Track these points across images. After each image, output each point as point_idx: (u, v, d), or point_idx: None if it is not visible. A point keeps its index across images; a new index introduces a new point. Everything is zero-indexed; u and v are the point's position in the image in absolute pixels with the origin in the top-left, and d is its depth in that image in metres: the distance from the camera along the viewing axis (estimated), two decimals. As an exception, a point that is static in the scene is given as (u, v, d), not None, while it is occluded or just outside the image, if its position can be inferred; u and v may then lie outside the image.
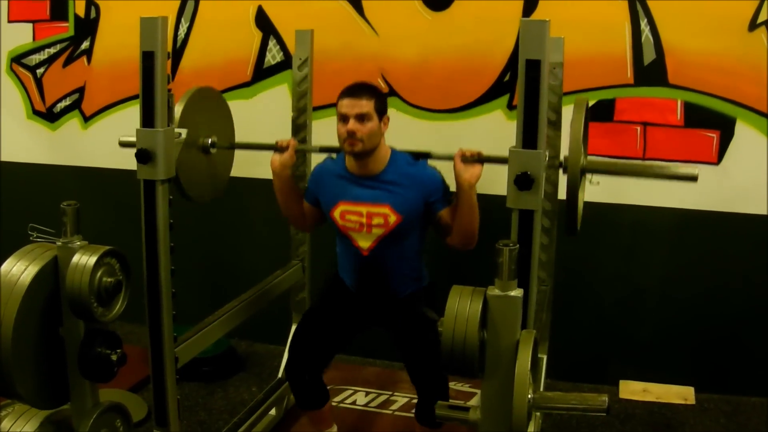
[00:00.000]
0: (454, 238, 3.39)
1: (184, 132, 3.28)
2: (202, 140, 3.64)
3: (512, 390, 2.10)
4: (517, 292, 2.23)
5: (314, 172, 3.69)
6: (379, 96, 3.39)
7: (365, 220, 3.42)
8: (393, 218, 3.38)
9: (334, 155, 3.62)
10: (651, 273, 4.63)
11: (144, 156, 3.11)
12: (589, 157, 3.27)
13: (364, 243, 3.46)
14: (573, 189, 3.08)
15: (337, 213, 3.49)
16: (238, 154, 4.00)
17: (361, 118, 3.29)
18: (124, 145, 3.43)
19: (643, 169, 3.56)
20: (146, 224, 3.21)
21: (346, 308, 3.63)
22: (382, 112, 3.37)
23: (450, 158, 3.30)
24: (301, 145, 3.90)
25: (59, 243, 2.79)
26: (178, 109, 3.38)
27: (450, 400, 2.52)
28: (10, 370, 2.65)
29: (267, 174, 4.88)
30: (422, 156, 3.49)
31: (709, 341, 4.62)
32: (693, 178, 3.07)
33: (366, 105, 3.30)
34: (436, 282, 3.62)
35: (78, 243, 2.78)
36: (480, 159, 3.26)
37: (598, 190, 4.41)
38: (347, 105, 3.31)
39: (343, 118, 3.32)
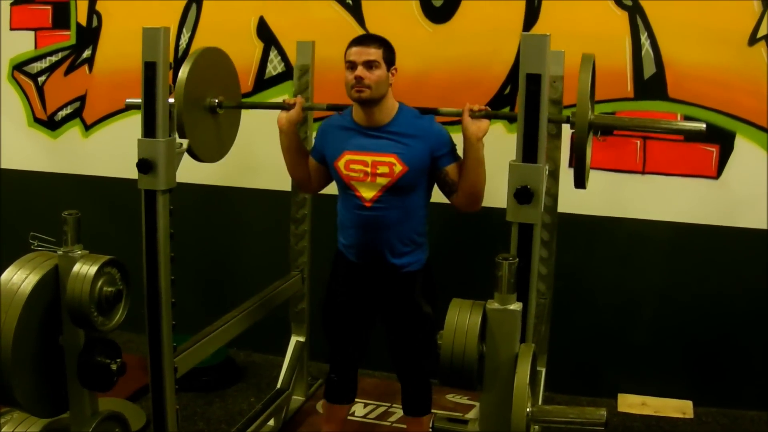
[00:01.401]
0: (460, 196, 3.36)
1: (185, 142, 3.29)
2: (209, 100, 3.62)
3: (511, 404, 2.10)
4: (516, 306, 2.23)
5: (320, 127, 3.65)
6: (387, 46, 3.37)
7: (370, 169, 3.38)
8: (398, 168, 3.34)
9: (341, 112, 3.60)
10: (650, 287, 4.63)
11: (145, 166, 3.12)
12: (596, 114, 3.22)
13: (368, 193, 3.40)
14: (581, 144, 3.05)
15: (341, 163, 3.44)
16: (237, 166, 4.01)
17: (369, 65, 3.28)
18: (129, 106, 3.57)
19: (651, 124, 3.56)
20: (147, 234, 3.22)
21: (355, 292, 3.59)
22: (390, 62, 3.36)
23: (457, 114, 3.30)
24: (309, 103, 3.87)
25: (60, 252, 2.79)
26: (184, 70, 3.38)
27: (448, 412, 2.52)
28: (10, 378, 2.65)
29: (266, 184, 4.91)
30: (430, 112, 3.47)
31: (707, 355, 4.62)
32: (700, 132, 3.10)
33: (374, 53, 3.29)
34: (432, 264, 3.60)
35: (79, 252, 2.79)
36: (487, 114, 3.27)
37: (598, 202, 4.46)
38: (355, 52, 3.31)
39: (351, 66, 3.31)
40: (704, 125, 3.07)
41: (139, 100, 3.20)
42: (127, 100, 3.75)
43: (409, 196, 3.41)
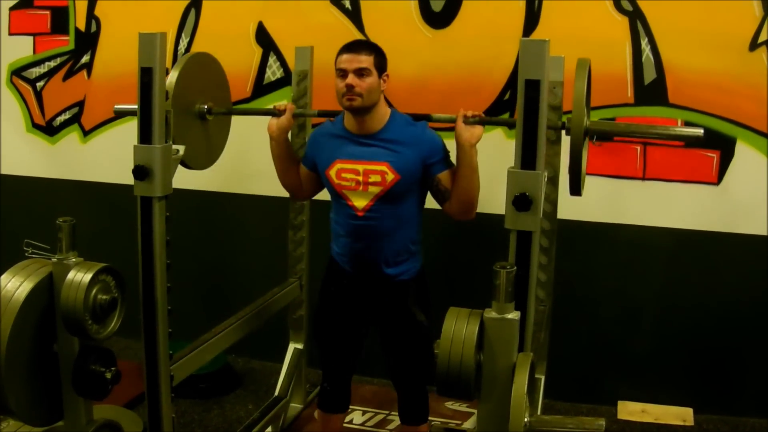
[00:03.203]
0: (453, 204, 3.33)
1: (181, 149, 3.27)
2: (198, 107, 3.60)
3: (508, 414, 2.09)
4: (514, 315, 2.21)
5: (312, 135, 3.63)
6: (378, 52, 3.33)
7: (362, 177, 3.33)
8: (391, 176, 3.30)
9: (333, 119, 3.56)
10: (650, 293, 4.61)
11: (141, 172, 3.09)
12: (592, 120, 3.21)
13: (360, 202, 3.36)
14: (576, 151, 3.03)
15: (333, 171, 3.40)
16: (235, 172, 3.99)
17: (360, 73, 3.23)
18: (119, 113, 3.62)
19: (646, 130, 3.54)
20: (143, 241, 3.20)
21: (347, 300, 3.56)
22: (381, 68, 3.32)
23: (451, 120, 3.28)
24: (299, 109, 3.85)
25: (54, 259, 2.78)
26: (173, 75, 3.35)
27: (445, 420, 2.50)
28: (3, 386, 2.65)
29: (263, 190, 4.89)
30: (422, 118, 3.43)
31: (708, 362, 4.60)
32: (698, 138, 3.08)
33: (365, 60, 3.25)
34: (426, 272, 3.56)
35: (73, 260, 2.78)
36: (481, 120, 3.25)
37: (598, 209, 4.44)
38: (346, 60, 3.26)
39: (342, 73, 3.26)
40: (702, 131, 3.05)
41: (128, 107, 3.18)
42: (116, 107, 3.73)
43: (402, 205, 3.37)
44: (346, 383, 3.70)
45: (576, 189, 3.20)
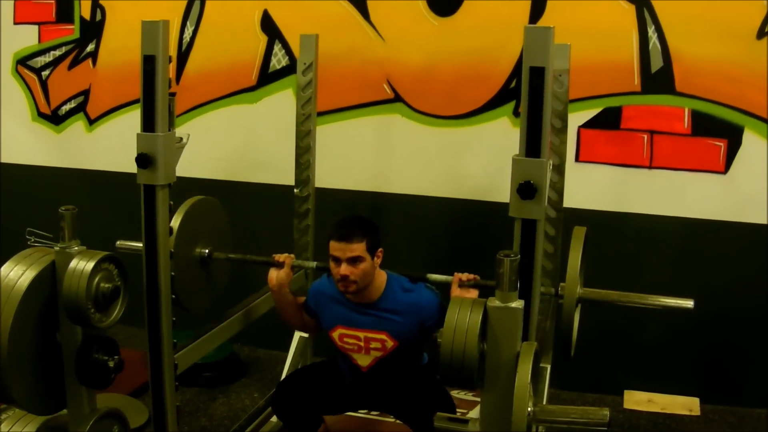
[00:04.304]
0: None
1: (186, 137, 3.25)
2: (200, 251, 3.72)
3: (512, 403, 2.07)
4: (517, 304, 2.20)
5: (312, 291, 3.71)
6: (369, 233, 3.35)
7: (363, 344, 3.47)
8: (390, 344, 3.43)
9: (329, 276, 3.60)
10: (657, 282, 4.57)
11: (144, 161, 3.08)
12: (585, 289, 3.43)
13: (363, 362, 3.52)
14: (568, 318, 3.17)
15: (336, 335, 3.53)
16: (240, 160, 3.97)
17: (353, 260, 3.28)
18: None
19: (638, 300, 3.57)
20: (146, 229, 3.18)
21: (342, 384, 3.67)
22: (374, 248, 3.35)
23: (447, 282, 3.39)
24: (297, 261, 3.87)
25: (57, 248, 2.77)
26: (176, 220, 3.47)
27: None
28: (6, 375, 2.63)
29: (268, 179, 4.88)
30: (418, 279, 3.51)
31: (714, 351, 4.58)
32: (688, 310, 3.24)
33: (357, 248, 3.28)
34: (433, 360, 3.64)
35: (76, 248, 2.77)
36: (476, 284, 3.32)
37: (605, 198, 4.42)
38: (339, 249, 3.30)
39: (336, 261, 3.32)
40: (692, 303, 3.09)
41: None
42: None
43: (404, 358, 3.51)
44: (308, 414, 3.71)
45: (567, 355, 3.39)
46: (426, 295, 3.44)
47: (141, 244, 3.18)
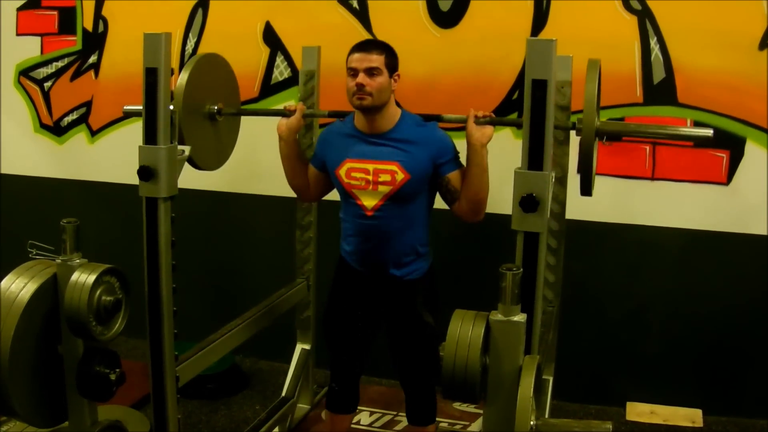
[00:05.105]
0: (463, 205, 3.32)
1: (187, 149, 3.26)
2: (209, 107, 3.60)
3: (514, 417, 2.07)
4: (520, 317, 2.19)
5: (322, 134, 3.62)
6: (389, 52, 3.32)
7: (372, 177, 3.33)
8: (401, 176, 3.30)
9: (343, 119, 3.55)
10: (659, 294, 4.58)
11: (146, 173, 3.09)
12: (603, 121, 3.19)
13: (369, 202, 3.36)
14: (587, 151, 3.00)
15: (342, 171, 3.40)
16: (243, 172, 3.97)
17: (371, 72, 3.23)
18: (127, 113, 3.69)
19: (658, 130, 3.56)
20: (148, 242, 3.19)
21: (356, 300, 3.55)
22: (392, 68, 3.31)
23: (462, 120, 3.28)
24: (310, 109, 3.83)
25: (58, 260, 2.77)
26: (183, 76, 3.36)
27: (453, 421, 2.48)
28: (8, 388, 2.64)
29: (271, 190, 4.88)
30: (433, 118, 3.43)
31: (717, 363, 4.57)
32: (708, 138, 3.06)
33: (376, 59, 3.24)
34: (436, 273, 3.56)
35: (77, 261, 2.77)
36: (492, 121, 3.25)
37: (607, 209, 4.42)
38: (357, 59, 3.25)
39: (353, 72, 3.26)
40: (711, 132, 3.02)
41: (138, 107, 3.17)
42: (125, 107, 3.74)
43: (411, 205, 3.37)
44: (355, 383, 3.69)
45: (587, 189, 3.17)
46: (440, 132, 3.38)
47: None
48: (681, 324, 4.58)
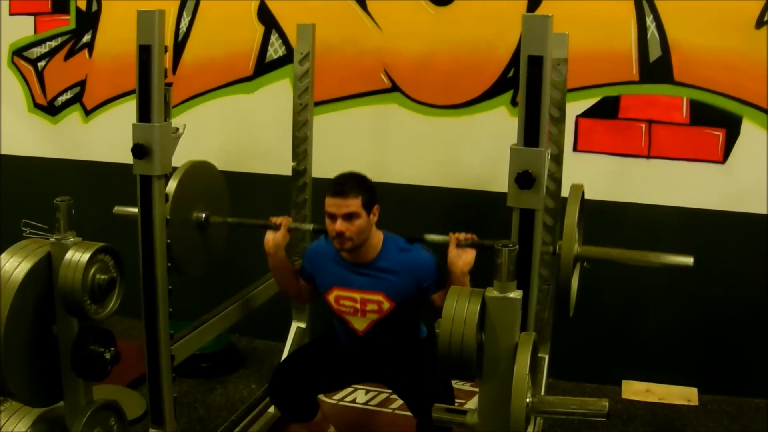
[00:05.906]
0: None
1: (182, 126, 3.24)
2: (196, 215, 3.67)
3: (510, 394, 2.06)
4: (516, 294, 2.18)
5: (309, 252, 3.67)
6: (366, 190, 3.31)
7: (359, 305, 3.43)
8: (386, 305, 3.38)
9: (327, 238, 3.55)
10: (655, 272, 4.56)
11: (140, 151, 3.07)
12: (583, 246, 3.36)
13: (359, 325, 3.48)
14: (566, 276, 3.13)
15: (332, 297, 3.48)
16: (237, 150, 3.95)
17: (349, 216, 3.24)
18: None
19: (638, 258, 3.52)
20: (142, 220, 3.18)
21: (339, 357, 3.63)
22: (370, 205, 3.31)
23: (444, 242, 3.32)
24: (295, 223, 3.83)
25: (52, 239, 2.75)
26: (172, 184, 3.41)
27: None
28: (2, 368, 2.62)
29: (265, 169, 4.86)
30: (415, 240, 3.46)
31: (713, 342, 4.57)
32: (688, 267, 3.16)
33: (353, 203, 3.23)
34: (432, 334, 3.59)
35: (71, 239, 2.75)
36: (474, 244, 3.27)
37: (603, 187, 4.40)
38: (334, 204, 3.25)
39: (331, 217, 3.27)
40: (692, 259, 3.14)
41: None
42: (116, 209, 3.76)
43: (401, 321, 3.48)
44: (304, 398, 3.69)
45: (566, 312, 3.32)
46: (423, 255, 3.39)
47: (136, 209, 3.18)
48: (677, 303, 4.58)
